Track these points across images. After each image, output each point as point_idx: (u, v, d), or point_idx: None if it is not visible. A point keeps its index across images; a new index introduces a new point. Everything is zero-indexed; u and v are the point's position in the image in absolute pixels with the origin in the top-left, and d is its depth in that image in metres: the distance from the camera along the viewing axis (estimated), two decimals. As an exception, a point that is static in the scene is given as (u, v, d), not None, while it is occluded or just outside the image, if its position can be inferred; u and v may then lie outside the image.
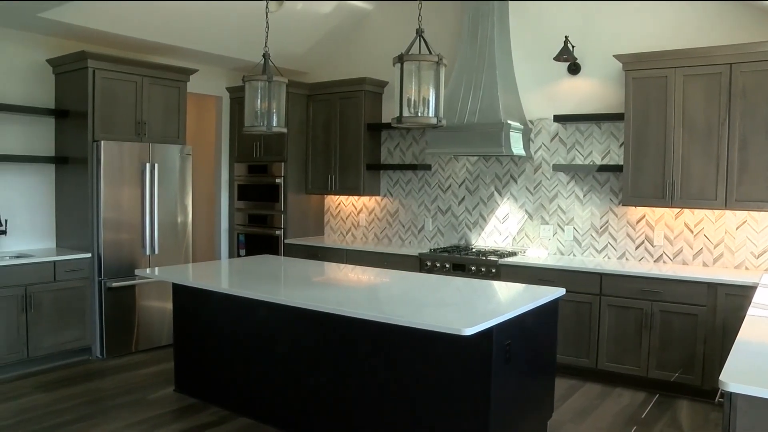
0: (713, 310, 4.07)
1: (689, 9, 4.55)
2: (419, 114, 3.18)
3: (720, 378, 1.92)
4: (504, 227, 5.49)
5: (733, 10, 4.38)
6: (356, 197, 6.39)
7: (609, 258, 4.98)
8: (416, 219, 6.02)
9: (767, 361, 2.22)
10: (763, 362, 2.20)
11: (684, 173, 4.35)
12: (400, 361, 3.18)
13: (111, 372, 4.69)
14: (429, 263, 5.26)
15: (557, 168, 5.06)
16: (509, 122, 4.86)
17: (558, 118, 5.05)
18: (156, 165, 5.27)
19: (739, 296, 3.94)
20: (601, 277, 4.48)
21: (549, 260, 4.89)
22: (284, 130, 4.03)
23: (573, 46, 4.94)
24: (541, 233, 5.29)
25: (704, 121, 4.26)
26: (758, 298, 3.36)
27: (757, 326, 2.70)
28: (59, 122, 5.14)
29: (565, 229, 5.17)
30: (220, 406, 3.97)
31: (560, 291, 3.56)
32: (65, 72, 5.02)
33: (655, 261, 4.77)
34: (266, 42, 3.95)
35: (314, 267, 4.57)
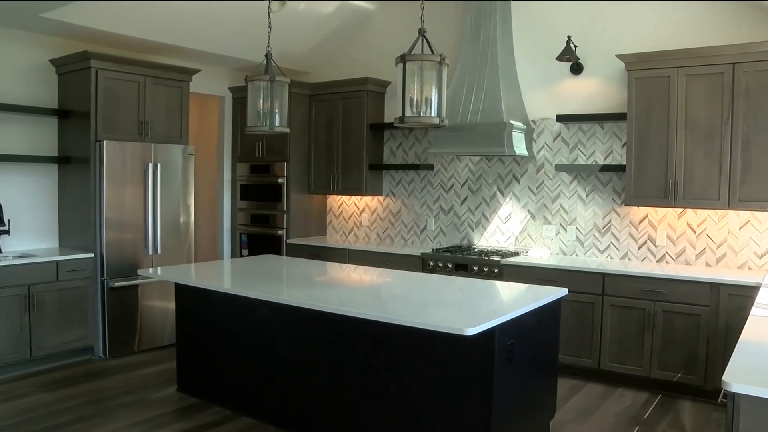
0: (716, 311, 4.06)
1: (692, 9, 4.54)
2: (422, 114, 3.18)
3: (723, 378, 1.92)
4: (506, 227, 5.49)
5: (736, 10, 4.37)
6: (359, 197, 6.39)
7: (611, 258, 4.97)
8: (419, 219, 6.02)
9: (770, 362, 2.21)
10: (767, 362, 2.19)
11: (687, 173, 4.35)
12: (402, 361, 3.18)
13: (113, 372, 4.69)
14: (431, 263, 5.26)
15: (560, 168, 5.05)
16: (512, 122, 4.86)
17: (560, 118, 5.04)
18: (159, 165, 5.28)
19: (742, 296, 3.94)
20: (604, 277, 4.47)
21: (551, 260, 4.89)
22: (287, 130, 4.04)
23: (575, 46, 4.94)
24: (544, 233, 5.29)
25: (707, 121, 4.25)
26: (761, 298, 3.35)
27: (760, 326, 2.69)
28: (62, 122, 5.15)
29: (568, 229, 5.17)
30: (223, 406, 3.97)
31: (563, 291, 3.56)
32: (68, 72, 5.03)
33: (658, 261, 4.77)
34: (269, 42, 3.96)
35: (316, 267, 4.57)
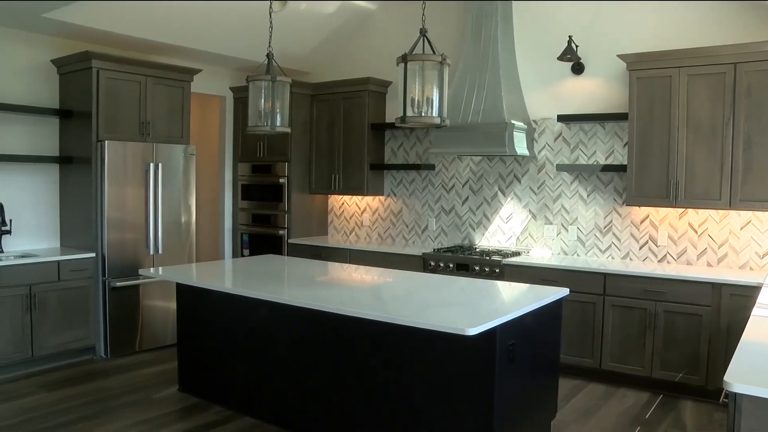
0: (717, 311, 4.06)
1: (693, 8, 4.54)
2: (423, 114, 3.18)
3: (724, 378, 1.92)
4: (507, 227, 5.49)
5: (738, 10, 4.36)
6: (360, 197, 6.39)
7: (613, 258, 4.97)
8: (420, 219, 6.02)
9: (772, 362, 2.21)
10: (768, 363, 2.19)
11: (688, 173, 4.34)
12: (402, 361, 3.18)
13: (115, 371, 4.70)
14: (432, 263, 5.26)
15: (561, 168, 5.05)
16: (513, 122, 4.86)
17: (562, 118, 5.04)
18: (160, 165, 5.28)
19: (744, 296, 3.93)
20: (605, 277, 4.47)
21: (552, 260, 4.89)
22: (288, 130, 4.05)
23: (577, 46, 4.94)
24: (545, 233, 5.29)
25: (708, 121, 4.25)
26: (763, 299, 3.34)
27: (762, 326, 2.69)
28: (63, 122, 5.16)
29: (569, 229, 5.16)
30: (224, 406, 3.97)
31: (564, 291, 3.55)
32: (69, 72, 5.04)
33: (659, 261, 4.76)
34: (270, 42, 3.96)
35: (318, 267, 4.56)
